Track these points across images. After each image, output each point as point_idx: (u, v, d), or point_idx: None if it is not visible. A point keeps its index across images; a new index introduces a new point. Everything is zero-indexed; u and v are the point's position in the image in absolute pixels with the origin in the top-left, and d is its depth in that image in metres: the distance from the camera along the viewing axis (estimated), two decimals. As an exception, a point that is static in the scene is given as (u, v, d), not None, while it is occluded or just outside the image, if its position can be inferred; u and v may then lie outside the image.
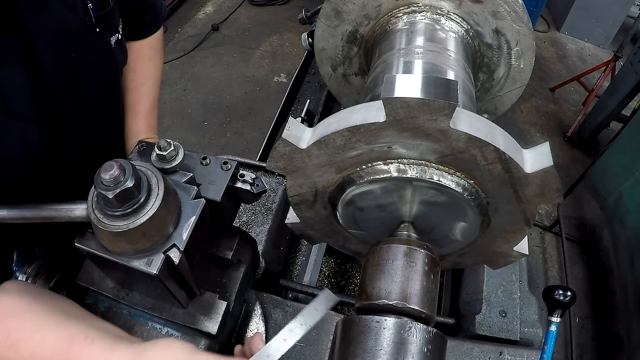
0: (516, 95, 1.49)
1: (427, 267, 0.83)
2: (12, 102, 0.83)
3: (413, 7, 1.32)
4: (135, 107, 1.28)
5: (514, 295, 1.39)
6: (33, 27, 0.82)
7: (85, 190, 0.78)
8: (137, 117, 1.29)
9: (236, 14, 5.36)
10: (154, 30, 1.32)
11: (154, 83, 1.35)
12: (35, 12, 0.82)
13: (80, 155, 1.05)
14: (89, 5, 0.93)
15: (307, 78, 2.54)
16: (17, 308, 0.78)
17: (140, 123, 1.28)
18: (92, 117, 1.07)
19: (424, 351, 0.74)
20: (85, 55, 0.96)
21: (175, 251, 0.79)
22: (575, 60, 5.16)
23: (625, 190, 2.57)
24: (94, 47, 0.99)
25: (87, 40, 0.96)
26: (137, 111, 1.29)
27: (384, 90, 0.77)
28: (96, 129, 1.11)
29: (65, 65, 0.91)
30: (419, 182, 0.86)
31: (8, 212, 0.78)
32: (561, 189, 0.82)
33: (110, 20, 1.02)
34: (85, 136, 1.05)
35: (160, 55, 1.39)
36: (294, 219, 1.14)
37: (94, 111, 1.07)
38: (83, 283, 0.98)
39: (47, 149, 0.93)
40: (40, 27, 0.84)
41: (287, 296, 1.57)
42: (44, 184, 0.99)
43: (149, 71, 1.33)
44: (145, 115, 1.30)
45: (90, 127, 1.07)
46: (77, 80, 0.96)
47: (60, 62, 0.89)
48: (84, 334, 0.74)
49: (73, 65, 0.93)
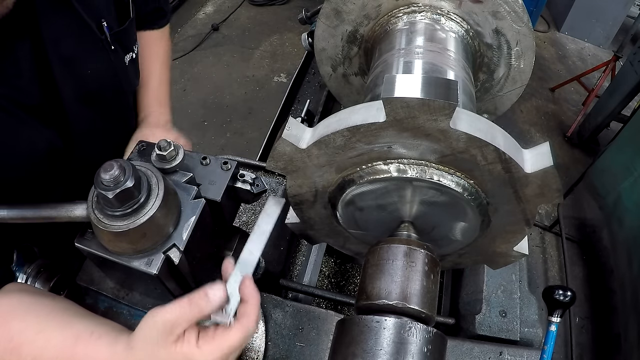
0: (516, 95, 1.49)
1: (427, 267, 0.83)
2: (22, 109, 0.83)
3: (413, 7, 1.32)
4: (144, 83, 1.32)
5: (514, 295, 1.39)
6: (49, 36, 0.83)
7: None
8: (146, 92, 1.33)
9: (236, 14, 5.36)
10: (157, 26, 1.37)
11: (163, 61, 1.40)
12: (53, 23, 0.83)
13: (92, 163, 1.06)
14: (103, 23, 0.94)
15: (307, 78, 2.54)
16: (19, 310, 0.77)
17: (148, 96, 1.33)
18: (105, 130, 1.09)
19: (424, 351, 0.74)
20: (100, 72, 0.97)
21: (175, 251, 0.79)
22: (575, 60, 5.16)
23: (624, 190, 2.57)
24: (108, 64, 1.00)
25: (101, 58, 0.97)
26: (146, 86, 1.33)
27: (384, 90, 0.77)
28: (108, 140, 1.13)
29: (79, 80, 0.92)
30: (419, 182, 0.86)
31: (8, 212, 0.78)
32: (561, 189, 0.82)
33: (125, 38, 1.04)
34: (98, 146, 1.06)
35: (167, 39, 1.44)
36: (294, 219, 1.14)
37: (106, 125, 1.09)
38: (83, 283, 0.98)
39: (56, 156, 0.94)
40: (56, 38, 0.85)
41: (287, 296, 1.56)
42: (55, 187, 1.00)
43: (156, 50, 1.38)
44: (152, 90, 1.34)
45: (103, 139, 1.09)
46: (91, 96, 0.97)
47: (74, 76, 0.90)
48: (89, 330, 0.73)
49: (87, 80, 0.94)
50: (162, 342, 0.67)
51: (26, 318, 0.75)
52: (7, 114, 0.81)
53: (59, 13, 0.84)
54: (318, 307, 1.14)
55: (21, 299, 0.79)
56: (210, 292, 0.68)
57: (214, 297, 0.68)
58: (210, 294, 0.68)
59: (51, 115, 0.89)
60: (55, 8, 0.83)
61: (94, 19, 0.92)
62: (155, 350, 0.67)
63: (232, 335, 0.68)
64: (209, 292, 0.68)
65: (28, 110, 0.85)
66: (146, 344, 0.68)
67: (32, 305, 0.78)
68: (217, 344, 0.68)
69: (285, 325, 1.10)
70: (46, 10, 0.81)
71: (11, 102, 0.81)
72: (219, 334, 0.69)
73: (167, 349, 0.67)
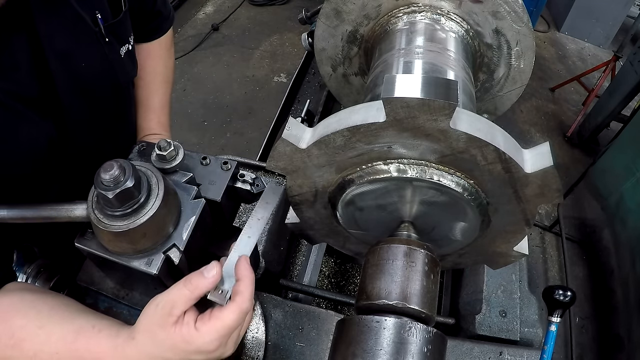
0: (516, 95, 1.49)
1: (427, 267, 0.83)
2: (21, 102, 0.83)
3: (413, 7, 1.32)
4: (145, 104, 1.29)
5: (514, 295, 1.39)
6: (44, 32, 0.83)
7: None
8: (147, 113, 1.30)
9: (236, 14, 5.36)
10: (161, 33, 1.33)
11: (164, 80, 1.36)
12: (47, 17, 0.83)
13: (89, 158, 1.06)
14: (97, 15, 0.94)
15: (307, 78, 2.54)
16: (20, 307, 0.78)
17: (149, 119, 1.29)
18: (102, 124, 1.08)
19: (424, 351, 0.74)
20: (95, 65, 0.97)
21: (175, 251, 0.79)
22: (575, 60, 5.16)
23: (627, 190, 2.57)
24: (104, 57, 0.99)
25: (96, 50, 0.96)
26: (147, 107, 1.30)
27: (384, 90, 0.77)
28: (106, 135, 1.12)
29: (75, 74, 0.92)
30: (419, 182, 0.86)
31: (8, 212, 0.78)
32: (561, 189, 0.82)
33: (119, 30, 1.03)
34: (95, 141, 1.06)
35: (170, 54, 1.40)
36: (294, 219, 1.14)
37: (104, 118, 1.08)
38: (83, 283, 0.98)
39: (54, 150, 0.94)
40: (51, 33, 0.85)
41: (287, 296, 1.56)
42: (52, 183, 0.99)
43: (158, 69, 1.34)
44: (154, 111, 1.30)
45: (100, 133, 1.08)
46: (87, 89, 0.97)
47: (69, 70, 0.90)
48: (91, 324, 0.74)
49: (82, 74, 0.94)
50: (162, 324, 0.68)
51: (27, 314, 0.75)
52: (6, 108, 0.81)
53: (53, 6, 0.84)
54: (318, 307, 1.14)
55: (22, 296, 0.79)
56: (205, 270, 0.71)
57: (208, 275, 0.70)
58: (205, 272, 0.70)
59: (48, 108, 0.89)
60: (49, 1, 0.83)
61: (88, 12, 0.92)
62: (155, 333, 0.68)
63: (226, 314, 0.70)
64: (204, 270, 0.71)
65: (26, 103, 0.84)
66: (147, 330, 0.69)
67: (34, 302, 0.78)
68: (212, 324, 0.69)
69: (285, 325, 1.10)
70: (40, 3, 0.81)
71: (9, 95, 0.81)
72: (215, 314, 0.70)
73: (166, 330, 0.68)
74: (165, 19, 1.33)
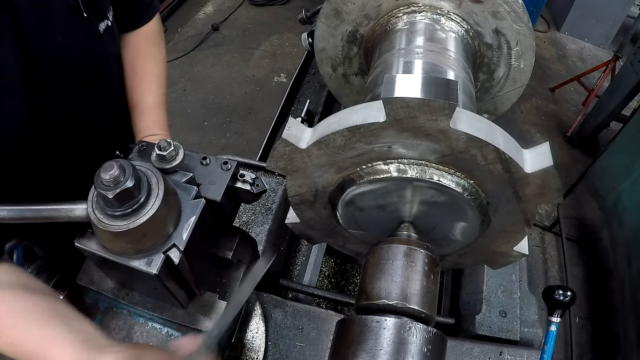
0: (516, 95, 1.49)
1: (427, 267, 0.83)
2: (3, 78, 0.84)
3: (413, 7, 1.32)
4: (138, 105, 1.25)
5: (514, 295, 1.39)
6: (20, 6, 0.83)
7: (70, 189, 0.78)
8: (142, 115, 1.24)
9: (236, 14, 5.35)
10: (147, 19, 1.28)
11: (156, 78, 1.30)
12: None
13: (66, 148, 1.05)
14: None
15: (307, 78, 2.54)
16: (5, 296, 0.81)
17: (144, 119, 1.25)
18: (79, 104, 1.05)
19: (424, 351, 0.74)
20: (71, 39, 0.96)
21: (175, 251, 0.79)
22: (575, 60, 5.16)
23: (624, 190, 2.57)
24: (81, 32, 0.98)
25: (73, 25, 0.96)
26: (141, 109, 1.25)
27: (384, 90, 0.77)
28: (83, 118, 1.09)
29: (51, 47, 0.91)
30: (419, 182, 0.86)
31: (8, 212, 0.78)
32: (561, 189, 0.82)
33: (98, 5, 1.02)
34: (72, 124, 1.04)
35: (160, 48, 1.34)
36: (294, 219, 1.14)
37: (80, 97, 1.05)
38: (83, 283, 0.98)
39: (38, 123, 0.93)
40: (28, 7, 0.85)
41: (287, 296, 1.56)
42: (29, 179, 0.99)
43: (148, 67, 1.29)
44: (149, 112, 1.25)
45: (77, 114, 1.05)
46: (63, 63, 0.96)
47: (46, 43, 0.90)
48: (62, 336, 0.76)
49: (58, 48, 0.93)
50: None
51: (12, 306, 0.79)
52: None
53: None
54: (318, 307, 1.14)
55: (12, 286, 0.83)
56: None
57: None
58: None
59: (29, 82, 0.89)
60: None
61: None
62: None
63: None
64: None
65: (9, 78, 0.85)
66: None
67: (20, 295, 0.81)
68: None
69: (285, 325, 1.10)
70: None
71: None
72: None
73: None
74: (148, 4, 1.28)
